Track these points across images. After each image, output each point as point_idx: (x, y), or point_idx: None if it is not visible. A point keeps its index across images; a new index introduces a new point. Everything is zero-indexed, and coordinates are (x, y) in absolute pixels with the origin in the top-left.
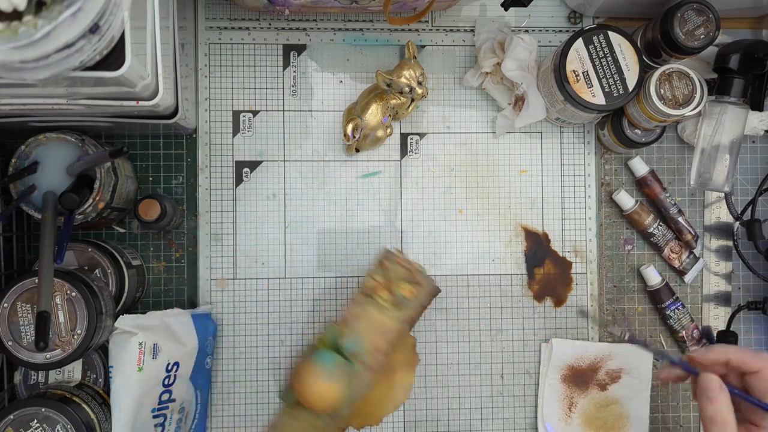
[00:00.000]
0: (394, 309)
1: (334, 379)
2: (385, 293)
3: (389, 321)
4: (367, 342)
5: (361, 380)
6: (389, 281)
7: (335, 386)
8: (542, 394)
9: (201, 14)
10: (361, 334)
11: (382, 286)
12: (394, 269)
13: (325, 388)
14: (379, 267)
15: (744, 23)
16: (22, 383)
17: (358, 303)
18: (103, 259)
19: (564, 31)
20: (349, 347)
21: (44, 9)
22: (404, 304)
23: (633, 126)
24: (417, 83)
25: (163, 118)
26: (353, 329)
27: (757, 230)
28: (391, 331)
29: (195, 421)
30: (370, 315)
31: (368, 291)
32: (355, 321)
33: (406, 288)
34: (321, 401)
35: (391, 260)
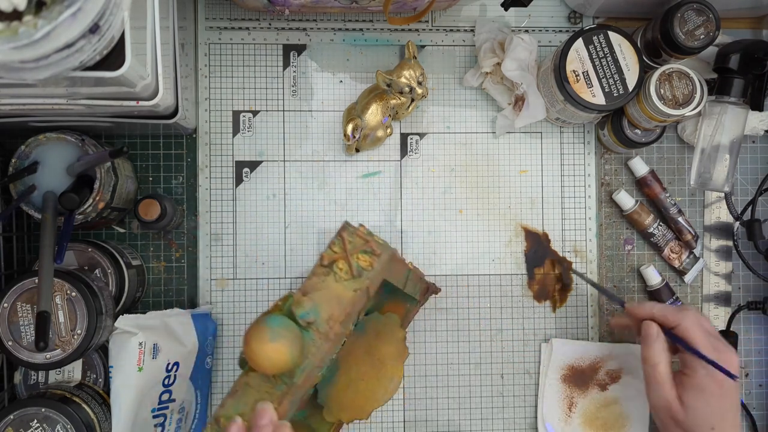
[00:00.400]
0: (352, 280)
1: (280, 340)
2: (344, 264)
3: (347, 291)
4: (323, 311)
5: (318, 348)
6: (348, 253)
7: (282, 347)
8: (542, 394)
9: (201, 14)
10: (318, 303)
11: (341, 257)
12: (354, 241)
13: (271, 348)
14: (338, 239)
15: (744, 23)
16: (22, 383)
17: (316, 274)
18: (103, 259)
19: (564, 31)
20: (304, 316)
21: (44, 9)
22: (362, 274)
23: (633, 126)
24: (417, 83)
25: (163, 118)
26: (310, 298)
27: (757, 230)
28: (349, 301)
29: (195, 421)
30: (327, 285)
31: (327, 262)
32: (313, 291)
33: (364, 259)
34: (268, 362)
35: (351, 232)
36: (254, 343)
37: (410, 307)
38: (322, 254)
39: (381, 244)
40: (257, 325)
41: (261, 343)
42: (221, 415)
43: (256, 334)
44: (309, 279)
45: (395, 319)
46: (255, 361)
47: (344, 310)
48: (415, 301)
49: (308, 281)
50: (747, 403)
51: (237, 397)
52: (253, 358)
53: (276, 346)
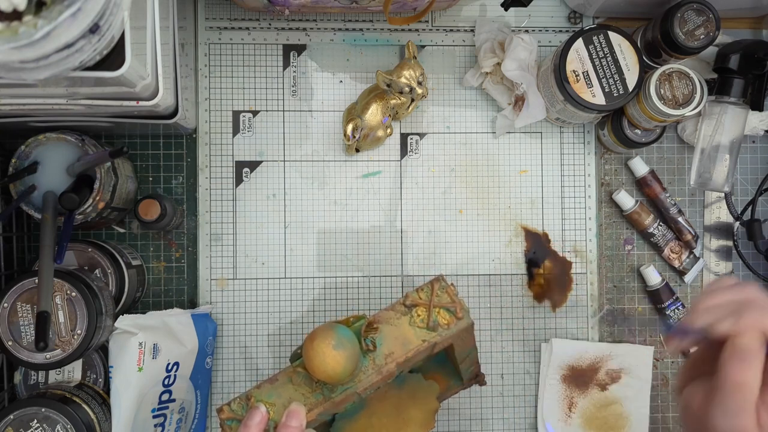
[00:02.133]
0: (425, 330)
1: (342, 351)
2: (423, 312)
3: (416, 338)
4: (386, 346)
5: (367, 377)
6: (432, 303)
7: (342, 357)
8: (542, 394)
9: (201, 14)
10: (384, 336)
11: (424, 304)
12: (441, 296)
13: (331, 354)
14: (428, 287)
15: (744, 23)
16: (22, 383)
17: (395, 309)
18: (103, 259)
19: (564, 31)
20: (368, 341)
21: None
22: (436, 329)
23: (633, 126)
24: (417, 83)
25: (163, 118)
26: (380, 329)
27: (757, 230)
28: (413, 347)
29: (195, 421)
30: (400, 324)
31: (409, 303)
32: (385, 323)
33: (444, 316)
34: (323, 366)
35: (442, 286)
36: (318, 342)
37: (453, 385)
38: (407, 294)
39: (465, 309)
40: (326, 328)
41: (325, 346)
42: (253, 395)
43: (323, 336)
44: (385, 311)
45: (435, 389)
46: (312, 360)
47: (406, 354)
48: (460, 381)
49: (384, 312)
50: None
51: (275, 385)
52: (312, 356)
53: (336, 355)
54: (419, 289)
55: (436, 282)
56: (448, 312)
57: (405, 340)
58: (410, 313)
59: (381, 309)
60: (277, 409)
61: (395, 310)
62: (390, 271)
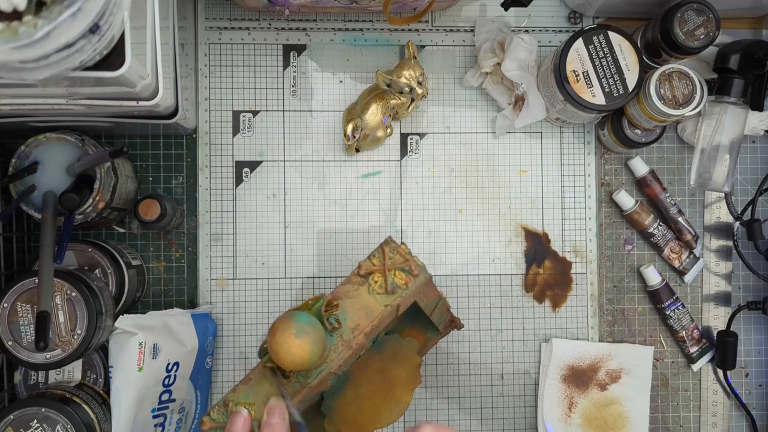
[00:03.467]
0: (385, 294)
1: (305, 337)
2: (379, 277)
3: (377, 305)
4: (350, 319)
5: (338, 355)
6: (386, 267)
7: (305, 344)
8: (542, 394)
9: (201, 14)
10: (346, 311)
11: (378, 270)
12: (394, 257)
13: (295, 343)
14: (379, 252)
15: (744, 23)
16: (22, 383)
17: (351, 282)
18: (103, 259)
19: (564, 31)
20: (331, 319)
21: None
22: (395, 291)
23: (633, 126)
24: (417, 83)
25: (163, 118)
26: (340, 304)
27: (757, 230)
28: (377, 314)
29: (195, 421)
30: (359, 295)
31: (363, 272)
32: (344, 297)
33: (400, 276)
34: (290, 356)
35: (393, 248)
36: (279, 335)
37: (430, 337)
38: (360, 263)
39: (419, 266)
40: (285, 318)
41: (286, 337)
42: (231, 400)
43: (283, 327)
44: (343, 285)
45: (414, 345)
46: (277, 353)
47: (371, 323)
48: (437, 331)
49: (342, 287)
50: (747, 403)
51: (250, 385)
52: (276, 349)
53: (300, 342)
54: (371, 256)
55: (386, 245)
56: (404, 272)
57: (368, 309)
58: (367, 282)
59: (337, 285)
60: (258, 407)
61: (351, 282)
62: None
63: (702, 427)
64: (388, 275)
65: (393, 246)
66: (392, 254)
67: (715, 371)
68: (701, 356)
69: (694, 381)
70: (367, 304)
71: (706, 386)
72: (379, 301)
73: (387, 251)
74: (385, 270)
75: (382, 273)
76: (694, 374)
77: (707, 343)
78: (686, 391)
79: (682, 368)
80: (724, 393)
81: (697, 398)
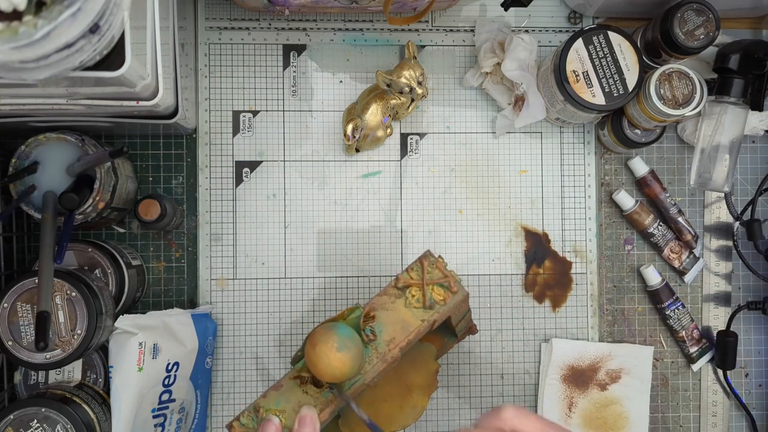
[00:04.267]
0: (422, 309)
1: (346, 352)
2: (417, 291)
3: (414, 319)
4: (386, 332)
5: (373, 367)
6: (425, 282)
7: (346, 358)
8: (542, 394)
9: (201, 14)
10: (382, 323)
11: (417, 284)
12: (432, 272)
13: (336, 357)
14: (418, 265)
15: (744, 23)
16: (22, 383)
17: (388, 294)
18: (103, 259)
19: (564, 31)
20: (368, 331)
21: (44, 9)
22: (433, 306)
23: (633, 126)
24: (417, 83)
25: (163, 118)
26: (377, 316)
27: (757, 230)
28: (414, 329)
29: (195, 421)
30: (396, 308)
31: (401, 285)
32: (380, 309)
33: (438, 292)
34: (329, 370)
35: (431, 262)
36: (320, 347)
37: (447, 342)
38: (398, 276)
39: (458, 282)
40: (326, 330)
41: (328, 350)
42: (261, 406)
43: (324, 339)
44: (379, 296)
45: (432, 350)
46: (316, 365)
47: (407, 337)
48: (454, 336)
49: (378, 298)
50: (747, 403)
51: (281, 392)
52: (316, 362)
53: (341, 357)
54: (409, 268)
55: (424, 259)
56: (443, 287)
57: (404, 323)
58: (404, 295)
59: (373, 296)
60: (288, 414)
61: (388, 294)
62: (390, 271)
63: (702, 427)
64: (427, 290)
65: (432, 260)
66: (431, 268)
67: (715, 371)
68: (701, 356)
69: (694, 381)
70: (403, 317)
71: (706, 386)
72: (415, 316)
73: (426, 265)
74: (423, 284)
75: (420, 287)
76: (694, 374)
77: (707, 343)
78: (686, 391)
79: (682, 368)
80: (724, 393)
81: (697, 398)
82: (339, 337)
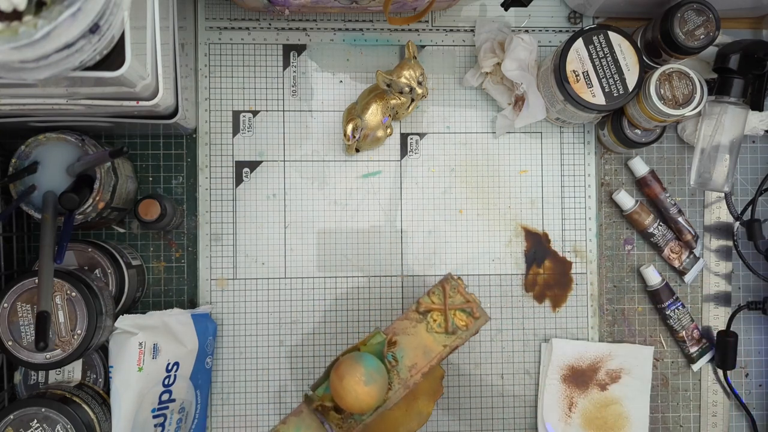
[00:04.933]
0: (445, 334)
1: (374, 385)
2: (439, 316)
3: (436, 345)
4: (408, 357)
5: (395, 393)
6: (446, 307)
7: (374, 392)
8: (542, 394)
9: (201, 14)
10: (403, 348)
11: (439, 309)
12: (454, 297)
13: (364, 391)
14: (440, 289)
15: (744, 23)
16: (22, 383)
17: (409, 318)
18: (103, 259)
19: (564, 31)
20: (389, 357)
21: (44, 9)
22: (456, 332)
23: (633, 126)
24: (417, 83)
25: (163, 118)
26: (398, 341)
27: (757, 230)
28: (436, 354)
29: (195, 421)
30: (417, 332)
31: (423, 310)
32: (403, 334)
33: (461, 317)
34: (357, 403)
35: (453, 286)
36: (348, 380)
37: None
38: (420, 300)
39: (480, 307)
40: (353, 363)
41: (354, 383)
42: (280, 431)
43: (352, 372)
44: (400, 320)
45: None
46: (344, 399)
47: (429, 363)
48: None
49: (399, 322)
50: (747, 403)
51: (302, 417)
52: (343, 395)
53: (369, 390)
54: (430, 292)
55: (446, 283)
56: (465, 313)
57: (425, 348)
58: (426, 320)
59: (394, 319)
60: None
61: (409, 318)
62: (390, 271)
63: (702, 427)
64: (449, 315)
65: (453, 284)
66: (452, 293)
67: (715, 371)
68: (701, 356)
69: (694, 381)
70: (425, 342)
71: (706, 386)
72: (437, 341)
73: (448, 289)
74: (446, 310)
75: (442, 312)
76: (694, 374)
77: (707, 343)
78: (686, 391)
79: (682, 368)
80: (724, 393)
81: (697, 398)
82: (366, 370)
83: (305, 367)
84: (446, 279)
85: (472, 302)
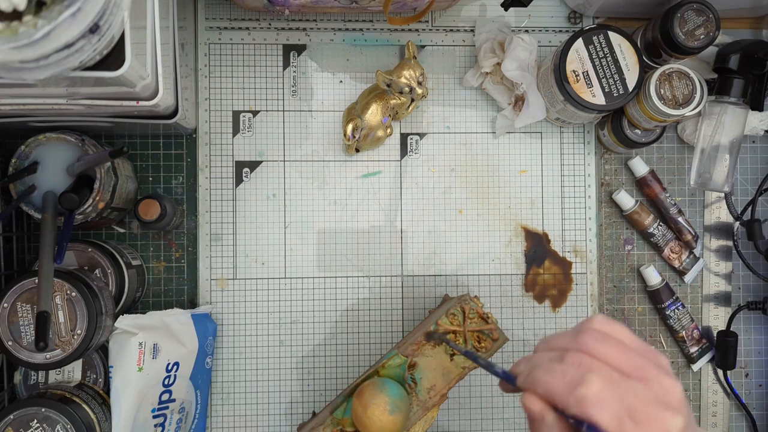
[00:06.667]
0: (464, 357)
1: (399, 414)
2: (458, 339)
3: (455, 366)
4: (426, 379)
5: (415, 416)
6: (466, 330)
7: (398, 420)
8: None
9: (201, 14)
10: (422, 369)
11: (458, 331)
12: (473, 319)
13: (390, 421)
14: (459, 311)
15: (744, 23)
16: (22, 383)
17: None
18: (103, 259)
19: (564, 31)
20: (409, 379)
21: (44, 9)
22: None
23: (633, 126)
24: (417, 83)
25: (163, 118)
26: (418, 363)
27: (757, 230)
28: (455, 377)
29: (195, 421)
30: (437, 355)
31: (442, 331)
32: (420, 356)
33: (482, 339)
34: None
35: (471, 308)
36: (372, 410)
37: None
38: (438, 322)
39: (499, 328)
40: (376, 391)
41: (379, 413)
42: None
43: (376, 402)
44: (419, 342)
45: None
46: (368, 428)
47: (448, 385)
48: None
49: (418, 344)
50: (747, 403)
51: None
52: (368, 425)
53: (393, 419)
54: (449, 313)
55: (464, 305)
56: (484, 335)
57: (444, 370)
58: None
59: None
60: None
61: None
62: (390, 271)
63: (702, 427)
64: (470, 340)
65: (472, 306)
66: (471, 315)
67: (715, 371)
68: (701, 356)
69: (694, 381)
70: (443, 364)
71: (706, 386)
72: (456, 363)
73: (467, 312)
74: (465, 333)
75: (463, 335)
76: (694, 374)
77: (707, 343)
78: (686, 391)
79: (682, 368)
80: (724, 393)
81: (697, 398)
82: (391, 399)
83: (305, 367)
84: (464, 300)
85: (492, 326)
